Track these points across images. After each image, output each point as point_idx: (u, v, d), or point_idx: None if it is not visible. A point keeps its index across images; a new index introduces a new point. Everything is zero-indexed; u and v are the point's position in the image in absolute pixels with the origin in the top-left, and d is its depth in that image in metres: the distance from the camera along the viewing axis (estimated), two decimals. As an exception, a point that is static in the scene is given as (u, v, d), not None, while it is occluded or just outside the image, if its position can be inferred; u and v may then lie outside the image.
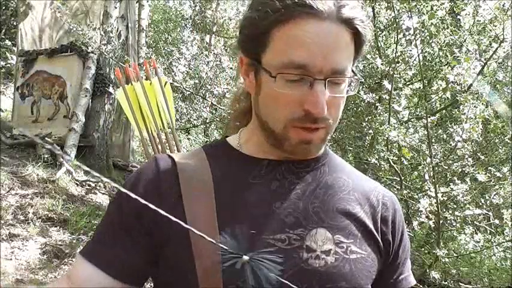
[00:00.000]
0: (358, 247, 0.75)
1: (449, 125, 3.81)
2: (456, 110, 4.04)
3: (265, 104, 0.75)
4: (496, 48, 4.03)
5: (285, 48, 0.69)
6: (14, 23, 8.58)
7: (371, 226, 0.78)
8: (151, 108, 1.80)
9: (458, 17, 4.95)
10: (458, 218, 3.41)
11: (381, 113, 3.84)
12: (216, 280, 0.68)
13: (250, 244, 0.70)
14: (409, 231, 4.03)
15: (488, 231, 4.27)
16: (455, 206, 3.56)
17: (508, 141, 3.66)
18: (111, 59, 5.83)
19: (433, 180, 3.19)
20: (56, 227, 4.24)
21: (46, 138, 5.70)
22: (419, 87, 4.23)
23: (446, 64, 3.90)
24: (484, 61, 3.85)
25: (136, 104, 1.80)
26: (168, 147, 1.88)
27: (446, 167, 3.71)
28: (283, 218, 0.74)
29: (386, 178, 4.05)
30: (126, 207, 0.76)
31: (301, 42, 0.68)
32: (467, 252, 3.86)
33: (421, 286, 4.05)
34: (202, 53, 7.17)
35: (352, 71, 0.74)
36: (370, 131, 3.83)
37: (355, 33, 0.71)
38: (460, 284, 4.27)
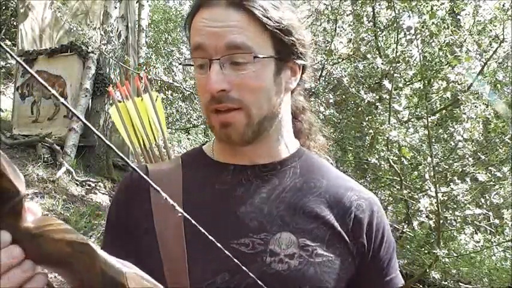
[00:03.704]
0: (324, 250, 0.75)
1: (450, 125, 3.81)
2: (457, 109, 4.04)
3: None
4: (496, 48, 4.02)
5: (192, 37, 0.77)
6: (14, 23, 8.58)
7: (339, 229, 0.77)
8: (143, 123, 1.86)
9: (458, 17, 4.94)
10: (458, 218, 3.40)
11: (381, 113, 3.84)
12: (183, 282, 0.72)
13: (214, 250, 0.72)
14: (409, 231, 4.03)
15: (488, 231, 4.27)
16: (455, 206, 3.56)
17: (509, 141, 3.65)
18: (111, 59, 5.83)
19: (434, 180, 3.19)
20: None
21: (46, 138, 5.69)
22: (420, 87, 4.22)
23: (446, 64, 3.90)
24: (484, 61, 3.85)
25: (128, 121, 1.86)
26: (160, 159, 1.95)
27: (447, 167, 3.71)
28: (247, 223, 0.75)
29: (387, 178, 4.05)
30: (110, 214, 0.86)
31: (198, 29, 0.75)
32: (467, 252, 3.86)
33: (421, 286, 4.05)
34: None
35: (275, 56, 0.75)
36: (370, 131, 3.83)
37: (251, 14, 0.73)
38: (460, 284, 4.27)
